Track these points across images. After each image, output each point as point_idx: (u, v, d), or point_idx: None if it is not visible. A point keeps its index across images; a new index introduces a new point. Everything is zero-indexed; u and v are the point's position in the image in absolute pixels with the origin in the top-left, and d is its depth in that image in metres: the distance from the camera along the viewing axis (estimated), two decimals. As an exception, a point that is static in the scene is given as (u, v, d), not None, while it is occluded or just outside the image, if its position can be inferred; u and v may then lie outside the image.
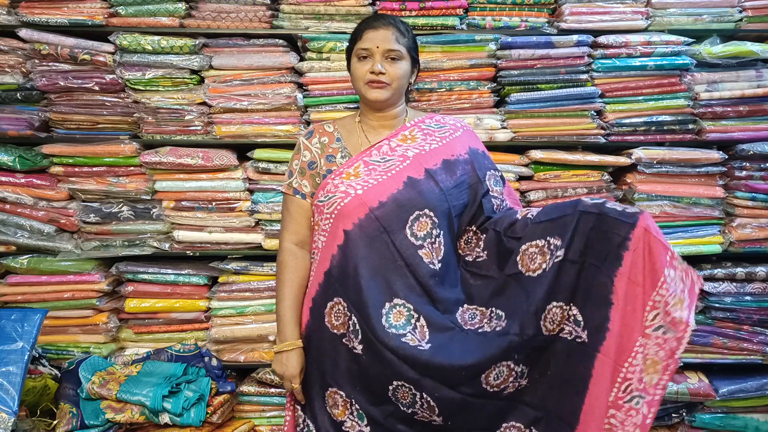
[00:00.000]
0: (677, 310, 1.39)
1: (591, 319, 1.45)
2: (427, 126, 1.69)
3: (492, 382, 1.48)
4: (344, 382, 1.53)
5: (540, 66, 2.19)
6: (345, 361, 1.52)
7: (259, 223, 2.28)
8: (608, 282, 1.42)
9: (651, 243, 1.40)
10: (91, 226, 2.26)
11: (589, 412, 1.46)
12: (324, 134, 1.68)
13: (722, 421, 2.24)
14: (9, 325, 1.90)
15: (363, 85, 1.61)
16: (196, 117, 2.23)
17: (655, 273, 1.39)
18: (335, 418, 1.55)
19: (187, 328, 2.31)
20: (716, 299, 2.19)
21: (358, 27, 1.66)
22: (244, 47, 2.20)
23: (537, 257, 1.49)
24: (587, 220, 1.44)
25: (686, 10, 2.21)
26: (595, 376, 1.45)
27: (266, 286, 2.26)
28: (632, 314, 1.41)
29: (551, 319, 1.46)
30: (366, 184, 1.54)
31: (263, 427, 2.27)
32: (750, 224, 2.22)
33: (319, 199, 1.58)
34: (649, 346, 1.42)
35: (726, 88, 2.20)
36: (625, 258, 1.41)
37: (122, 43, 2.14)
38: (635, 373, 1.43)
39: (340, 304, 1.53)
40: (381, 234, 1.50)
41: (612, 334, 1.43)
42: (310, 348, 1.59)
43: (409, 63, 1.65)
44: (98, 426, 1.97)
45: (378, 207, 1.51)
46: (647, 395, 1.43)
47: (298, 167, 1.65)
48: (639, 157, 2.16)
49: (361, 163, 1.58)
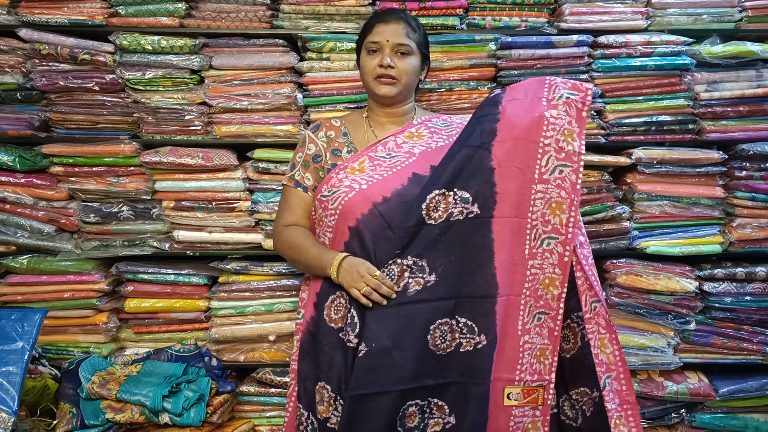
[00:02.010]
0: (568, 143, 1.51)
1: (479, 192, 1.51)
2: (434, 124, 1.69)
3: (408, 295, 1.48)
4: (333, 376, 1.51)
5: (540, 66, 2.19)
6: (339, 355, 1.51)
7: (259, 223, 2.28)
8: (487, 154, 1.51)
9: (523, 101, 1.53)
10: (91, 226, 2.26)
11: (505, 271, 1.52)
12: (331, 128, 1.68)
13: (722, 421, 2.24)
14: (9, 325, 1.89)
15: (372, 80, 1.61)
16: (196, 117, 2.23)
17: (537, 121, 1.50)
18: (320, 415, 1.54)
19: (187, 328, 2.31)
20: (716, 299, 2.19)
21: (368, 21, 1.66)
22: (244, 47, 2.20)
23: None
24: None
25: (686, 10, 2.21)
26: (497, 239, 1.51)
27: (266, 286, 2.25)
28: (520, 169, 1.50)
29: (434, 207, 1.49)
30: (371, 179, 1.54)
31: (263, 427, 2.26)
32: (750, 224, 2.22)
33: (322, 194, 1.58)
34: (550, 190, 1.51)
35: (726, 88, 2.20)
36: (499, 128, 1.52)
37: (122, 43, 2.14)
38: (539, 218, 1.52)
39: (342, 298, 1.53)
40: (385, 230, 1.50)
41: (502, 196, 1.51)
42: (311, 343, 1.58)
43: (419, 59, 1.65)
44: (98, 426, 1.97)
45: (382, 202, 1.51)
46: (559, 235, 1.51)
47: (302, 160, 1.65)
48: (639, 157, 2.16)
49: (366, 158, 1.59)
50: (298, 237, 1.62)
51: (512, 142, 1.51)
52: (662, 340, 2.21)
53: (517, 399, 1.55)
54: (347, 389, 1.47)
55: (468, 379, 1.52)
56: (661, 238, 2.22)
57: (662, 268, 2.20)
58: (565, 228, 1.51)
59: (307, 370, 1.59)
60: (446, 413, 1.52)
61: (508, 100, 1.57)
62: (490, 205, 1.51)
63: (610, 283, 2.20)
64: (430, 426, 1.51)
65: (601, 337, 1.55)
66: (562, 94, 1.53)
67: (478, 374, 1.53)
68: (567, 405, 1.62)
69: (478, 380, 1.52)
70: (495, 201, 1.51)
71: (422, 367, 1.48)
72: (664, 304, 2.18)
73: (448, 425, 1.52)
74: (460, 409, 1.52)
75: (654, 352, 2.20)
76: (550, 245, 1.52)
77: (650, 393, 2.19)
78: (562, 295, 1.54)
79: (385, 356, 1.45)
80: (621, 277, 2.16)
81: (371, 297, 1.45)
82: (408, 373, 1.47)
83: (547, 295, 1.55)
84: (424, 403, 1.50)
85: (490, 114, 1.55)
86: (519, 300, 1.54)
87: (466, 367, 1.52)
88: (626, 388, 1.56)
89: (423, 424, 1.50)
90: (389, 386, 1.45)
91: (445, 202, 1.49)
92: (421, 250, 1.49)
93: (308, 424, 1.57)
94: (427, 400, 1.50)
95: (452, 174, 1.50)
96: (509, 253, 1.52)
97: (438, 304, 1.49)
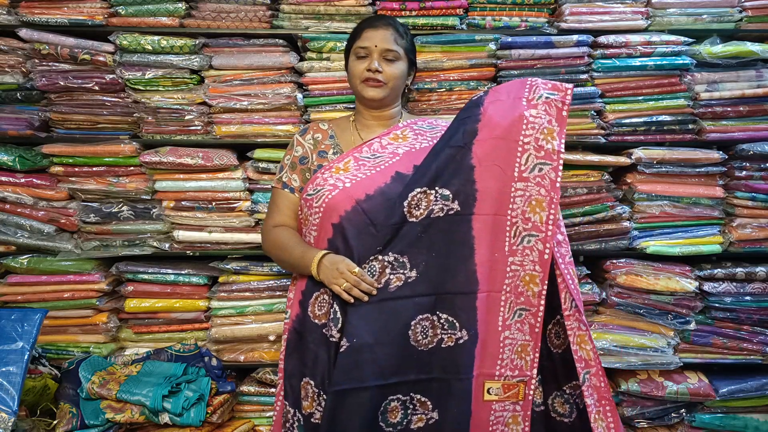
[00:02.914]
0: (548, 142, 1.52)
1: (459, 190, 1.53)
2: (419, 127, 1.72)
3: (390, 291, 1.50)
4: (318, 371, 1.52)
5: (540, 66, 2.19)
6: (323, 351, 1.53)
7: (259, 223, 2.28)
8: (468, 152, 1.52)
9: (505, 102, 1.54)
10: (91, 226, 2.26)
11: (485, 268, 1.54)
12: (318, 131, 1.71)
13: (722, 421, 2.24)
14: (9, 325, 1.89)
15: (359, 83, 1.64)
16: (196, 117, 2.23)
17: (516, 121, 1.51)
18: (304, 410, 1.55)
19: (187, 328, 2.31)
20: (716, 299, 2.19)
21: (357, 26, 1.68)
22: (244, 47, 2.20)
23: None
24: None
25: (686, 10, 2.21)
26: (477, 236, 1.53)
27: (266, 286, 2.26)
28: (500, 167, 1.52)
29: (415, 204, 1.50)
30: (354, 177, 1.57)
31: (263, 427, 2.26)
32: (750, 224, 2.22)
33: (308, 193, 1.61)
34: (530, 188, 1.53)
35: (726, 88, 2.20)
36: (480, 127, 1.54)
37: (122, 43, 2.14)
38: (519, 216, 1.53)
39: (326, 294, 1.55)
40: (368, 226, 1.52)
41: (482, 194, 1.53)
42: (297, 341, 1.59)
43: (406, 64, 1.68)
44: (98, 426, 1.97)
45: (365, 200, 1.53)
46: (539, 233, 1.53)
47: (290, 162, 1.68)
48: (639, 157, 2.16)
49: (351, 158, 1.61)
50: (284, 237, 1.65)
51: (493, 141, 1.53)
52: (662, 340, 2.21)
53: (497, 394, 1.57)
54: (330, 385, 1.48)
55: (451, 374, 1.54)
56: (661, 238, 2.22)
57: (662, 268, 2.20)
58: (545, 225, 1.52)
59: (292, 368, 1.60)
60: (429, 409, 1.53)
61: (490, 101, 1.59)
62: (471, 202, 1.53)
63: (610, 283, 2.20)
64: (414, 422, 1.52)
65: (581, 333, 1.56)
66: (542, 94, 1.55)
67: (460, 370, 1.54)
68: (559, 401, 1.63)
69: (461, 376, 1.54)
70: (475, 198, 1.53)
71: (404, 363, 1.50)
72: (664, 304, 2.18)
73: (431, 421, 1.53)
74: (443, 404, 1.53)
75: (654, 352, 2.20)
76: (530, 242, 1.54)
77: (650, 393, 2.19)
78: (542, 292, 1.55)
79: (366, 352, 1.47)
80: (621, 277, 2.16)
81: (352, 293, 1.47)
82: (389, 369, 1.48)
83: (528, 291, 1.56)
84: (407, 398, 1.51)
85: (473, 115, 1.58)
86: (499, 296, 1.57)
87: (449, 362, 1.54)
88: (603, 384, 1.58)
89: (406, 420, 1.51)
90: (370, 381, 1.47)
91: (427, 200, 1.51)
92: (402, 246, 1.51)
93: (294, 421, 1.59)
94: (409, 396, 1.52)
95: (434, 173, 1.53)
96: (490, 249, 1.54)
97: (419, 300, 1.51)
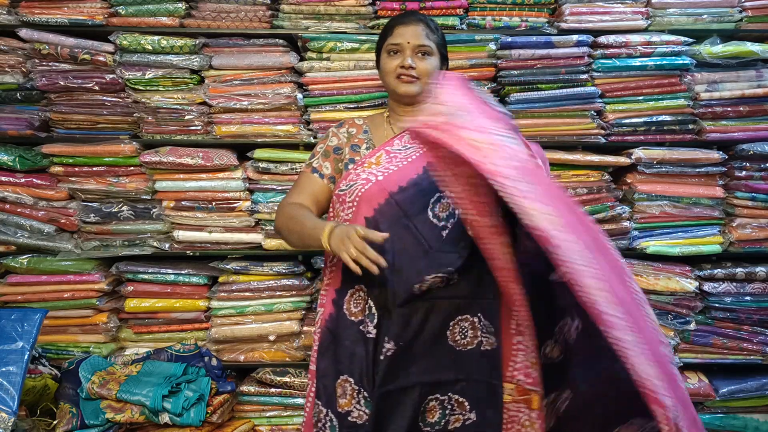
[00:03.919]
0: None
1: None
2: None
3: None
4: (356, 368, 1.51)
5: (540, 66, 2.19)
6: (360, 347, 1.51)
7: (259, 223, 2.28)
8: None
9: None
10: (91, 226, 2.26)
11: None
12: (353, 126, 1.72)
13: (722, 421, 2.24)
14: (9, 325, 1.89)
15: (393, 80, 1.64)
16: (196, 117, 2.23)
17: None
18: (340, 409, 1.53)
19: (187, 327, 2.31)
20: (716, 299, 2.19)
21: (388, 23, 1.69)
22: (244, 47, 2.20)
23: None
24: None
25: (686, 10, 2.21)
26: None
27: (266, 286, 2.25)
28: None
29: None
30: (386, 170, 1.56)
31: (263, 427, 2.27)
32: (750, 224, 2.23)
33: (340, 188, 1.60)
34: None
35: (726, 88, 2.20)
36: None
37: (122, 42, 2.14)
38: None
39: (361, 291, 1.54)
40: (401, 218, 1.51)
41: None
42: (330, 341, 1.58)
43: (438, 59, 1.68)
44: (98, 426, 1.97)
45: (398, 192, 1.52)
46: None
47: (323, 150, 1.69)
48: (639, 157, 2.16)
49: (383, 152, 1.61)
50: (299, 210, 1.61)
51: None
52: (662, 340, 2.21)
53: (510, 394, 1.56)
54: (370, 382, 1.48)
55: (487, 377, 1.54)
56: (661, 238, 2.22)
57: (662, 268, 2.20)
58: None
59: (325, 368, 1.58)
60: (467, 410, 1.53)
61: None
62: None
63: (610, 283, 2.20)
64: (451, 422, 1.53)
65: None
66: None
67: (494, 373, 1.54)
68: (550, 347, 1.59)
69: (495, 380, 1.54)
70: None
71: (441, 362, 1.50)
72: (664, 304, 2.18)
73: (468, 422, 1.53)
74: (480, 406, 1.53)
75: (654, 352, 2.20)
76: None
77: (650, 393, 2.19)
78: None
79: (410, 352, 1.48)
80: (621, 277, 2.16)
81: (360, 262, 1.35)
82: (430, 368, 1.49)
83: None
84: (444, 398, 1.52)
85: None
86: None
87: (485, 365, 1.54)
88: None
89: (444, 420, 1.52)
90: (414, 380, 1.48)
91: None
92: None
93: (327, 421, 1.57)
94: (447, 396, 1.52)
95: None
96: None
97: (458, 302, 1.51)
